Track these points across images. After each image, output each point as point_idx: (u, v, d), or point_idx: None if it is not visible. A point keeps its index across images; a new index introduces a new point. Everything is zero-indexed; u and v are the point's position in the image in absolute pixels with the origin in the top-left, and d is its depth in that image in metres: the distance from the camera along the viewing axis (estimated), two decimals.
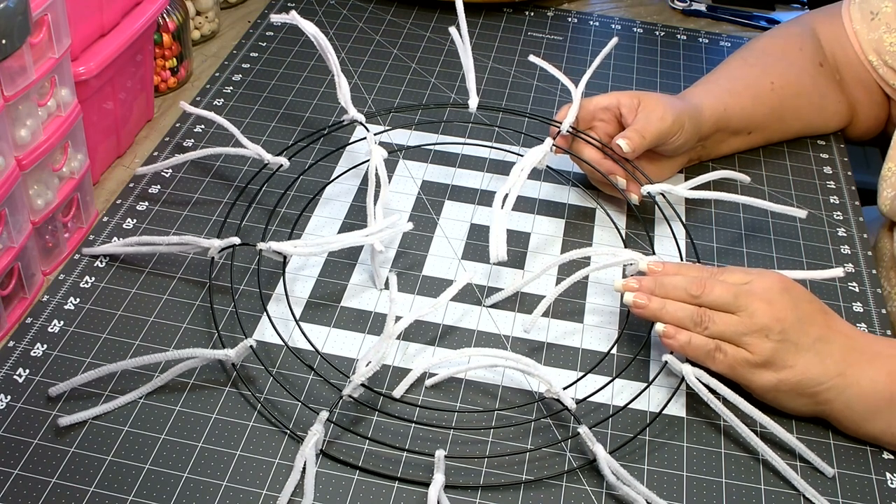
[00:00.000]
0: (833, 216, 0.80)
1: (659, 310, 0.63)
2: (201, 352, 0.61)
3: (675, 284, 0.63)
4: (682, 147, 0.77)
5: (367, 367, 0.59)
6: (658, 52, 1.01)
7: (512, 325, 0.68)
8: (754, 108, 0.82)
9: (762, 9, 1.11)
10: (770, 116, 0.84)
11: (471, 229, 0.76)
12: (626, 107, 0.76)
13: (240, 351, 0.61)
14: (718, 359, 0.61)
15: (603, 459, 0.57)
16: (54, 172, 0.67)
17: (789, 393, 0.61)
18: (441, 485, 0.56)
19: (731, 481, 0.59)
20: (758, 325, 0.60)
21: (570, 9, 1.07)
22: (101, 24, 0.74)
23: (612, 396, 0.64)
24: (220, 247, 0.67)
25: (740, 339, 0.61)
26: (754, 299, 0.61)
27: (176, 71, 0.90)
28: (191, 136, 0.83)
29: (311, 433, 0.57)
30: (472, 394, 0.63)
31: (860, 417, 0.60)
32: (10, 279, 0.64)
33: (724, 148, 0.84)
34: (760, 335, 0.60)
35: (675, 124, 0.74)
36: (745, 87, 0.83)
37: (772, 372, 0.60)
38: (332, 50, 0.77)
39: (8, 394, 0.60)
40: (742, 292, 0.61)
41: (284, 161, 0.75)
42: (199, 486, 0.56)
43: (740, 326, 0.61)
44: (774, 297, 0.61)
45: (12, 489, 0.55)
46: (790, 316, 0.60)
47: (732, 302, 0.61)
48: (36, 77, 0.61)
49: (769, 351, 0.60)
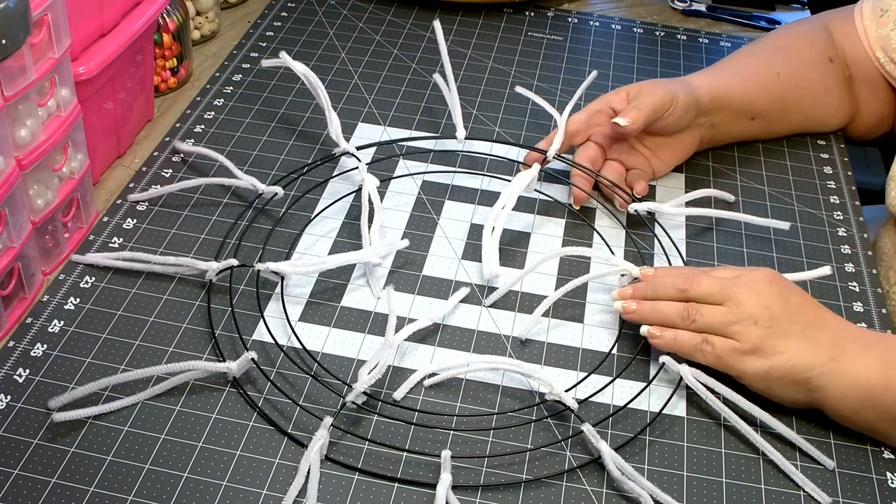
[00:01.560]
0: (833, 216, 0.80)
1: (647, 311, 0.64)
2: (202, 364, 0.61)
3: (664, 283, 0.64)
4: (682, 120, 0.78)
5: (369, 375, 0.59)
6: (658, 52, 1.01)
7: (512, 325, 0.68)
8: (758, 94, 0.83)
9: (762, 9, 1.11)
10: (773, 105, 0.84)
11: (471, 229, 0.76)
12: (615, 102, 0.78)
13: (241, 364, 0.61)
14: (707, 351, 0.61)
15: (608, 455, 0.58)
16: (54, 172, 0.67)
17: (781, 380, 0.60)
18: (449, 484, 0.56)
19: (731, 480, 0.59)
20: (745, 313, 0.61)
21: (570, 9, 1.07)
22: (101, 24, 0.74)
23: (612, 396, 0.64)
24: (218, 269, 0.67)
25: (728, 328, 0.61)
26: (742, 289, 0.62)
27: (176, 71, 0.90)
28: (191, 136, 0.83)
29: (316, 438, 0.57)
30: (472, 393, 0.63)
31: (853, 404, 0.59)
32: (10, 279, 0.64)
33: (731, 131, 0.84)
34: (749, 323, 0.60)
35: (666, 94, 0.76)
36: (750, 73, 0.83)
37: (761, 359, 0.60)
38: (322, 87, 0.80)
39: (8, 394, 0.60)
40: (729, 283, 0.62)
41: (279, 190, 0.75)
42: (199, 486, 0.56)
43: (728, 316, 0.61)
44: (763, 288, 0.62)
45: (12, 489, 0.55)
46: (778, 305, 0.61)
47: (720, 293, 0.62)
48: (36, 77, 0.61)
49: (758, 337, 0.60)
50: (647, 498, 0.56)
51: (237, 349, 0.64)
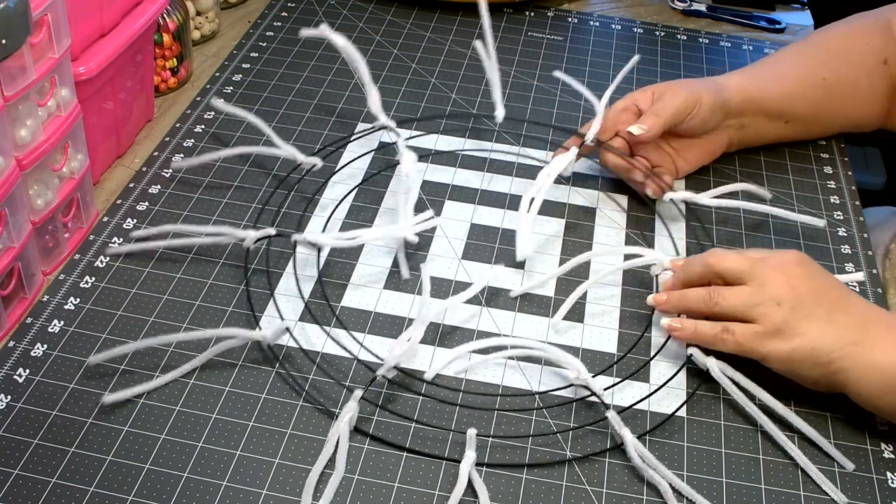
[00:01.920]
0: (833, 216, 0.80)
1: (676, 300, 0.65)
2: (237, 331, 0.63)
3: (693, 263, 0.66)
4: (707, 123, 0.77)
5: (400, 352, 0.61)
6: (658, 52, 1.01)
7: (512, 325, 0.68)
8: (797, 98, 0.81)
9: (762, 9, 1.11)
10: (812, 109, 0.83)
11: (471, 229, 0.76)
12: (641, 101, 0.78)
13: (276, 332, 0.63)
14: (727, 339, 0.61)
15: (630, 443, 0.59)
16: (54, 172, 0.67)
17: (803, 363, 0.60)
18: (473, 461, 0.57)
19: (731, 481, 0.59)
20: (769, 294, 0.61)
21: (570, 9, 1.08)
22: (101, 24, 0.74)
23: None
24: (256, 237, 0.69)
25: (752, 310, 0.61)
26: (769, 270, 0.62)
27: (176, 71, 0.90)
28: (191, 136, 0.83)
29: (346, 410, 0.59)
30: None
31: (876, 388, 0.59)
32: (10, 279, 0.64)
33: (762, 133, 0.83)
34: (772, 304, 0.60)
35: (689, 98, 0.75)
36: (793, 75, 0.82)
37: (783, 341, 0.60)
38: (363, 60, 0.79)
39: (8, 394, 0.60)
40: (757, 261, 0.62)
41: (318, 161, 0.77)
42: (199, 486, 0.56)
43: (752, 297, 0.61)
44: (790, 269, 0.62)
45: (12, 489, 0.55)
46: (804, 286, 0.61)
47: (748, 270, 0.62)
48: (36, 77, 0.61)
49: (780, 319, 0.60)
50: (665, 486, 0.57)
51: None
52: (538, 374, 0.65)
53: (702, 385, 0.65)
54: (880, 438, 0.62)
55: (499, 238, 0.75)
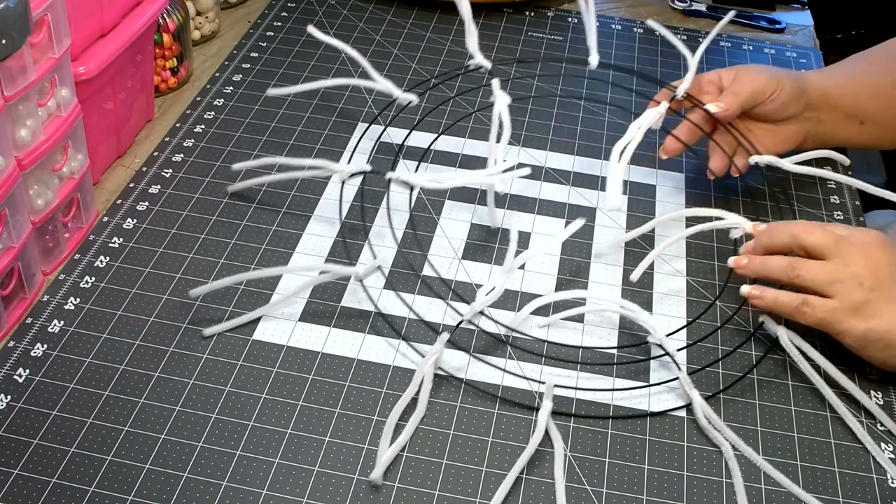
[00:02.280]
0: (833, 216, 0.80)
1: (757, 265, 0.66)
2: (332, 267, 0.67)
3: (779, 230, 0.66)
4: (787, 108, 0.77)
5: (487, 296, 0.65)
6: (658, 51, 1.01)
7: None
8: (868, 99, 0.81)
9: (762, 9, 1.11)
10: (886, 112, 0.82)
11: (471, 229, 0.76)
12: (725, 78, 0.78)
13: (368, 269, 0.67)
14: (807, 312, 0.62)
15: (698, 405, 0.62)
16: (54, 172, 0.67)
17: (877, 343, 0.61)
18: (549, 411, 0.60)
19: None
20: (851, 272, 0.62)
21: (570, 9, 1.08)
22: (101, 24, 0.74)
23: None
24: (350, 172, 0.72)
25: (832, 286, 0.62)
26: (852, 248, 0.62)
27: (176, 71, 0.90)
28: (191, 136, 0.83)
29: (432, 351, 0.61)
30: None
31: None
32: (10, 279, 0.64)
33: (838, 132, 0.82)
34: (853, 283, 0.61)
35: (771, 81, 0.76)
36: (862, 77, 0.82)
37: (860, 320, 0.61)
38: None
39: (8, 394, 0.60)
40: (842, 239, 0.63)
41: (413, 97, 0.80)
42: (199, 486, 0.56)
43: (833, 274, 0.62)
44: (873, 250, 0.63)
45: (12, 489, 0.55)
46: (886, 269, 0.62)
47: (832, 247, 0.63)
48: (36, 77, 0.61)
49: (859, 299, 0.61)
50: (728, 448, 0.60)
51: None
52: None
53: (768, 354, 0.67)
54: (880, 440, 0.63)
55: (499, 238, 0.75)
